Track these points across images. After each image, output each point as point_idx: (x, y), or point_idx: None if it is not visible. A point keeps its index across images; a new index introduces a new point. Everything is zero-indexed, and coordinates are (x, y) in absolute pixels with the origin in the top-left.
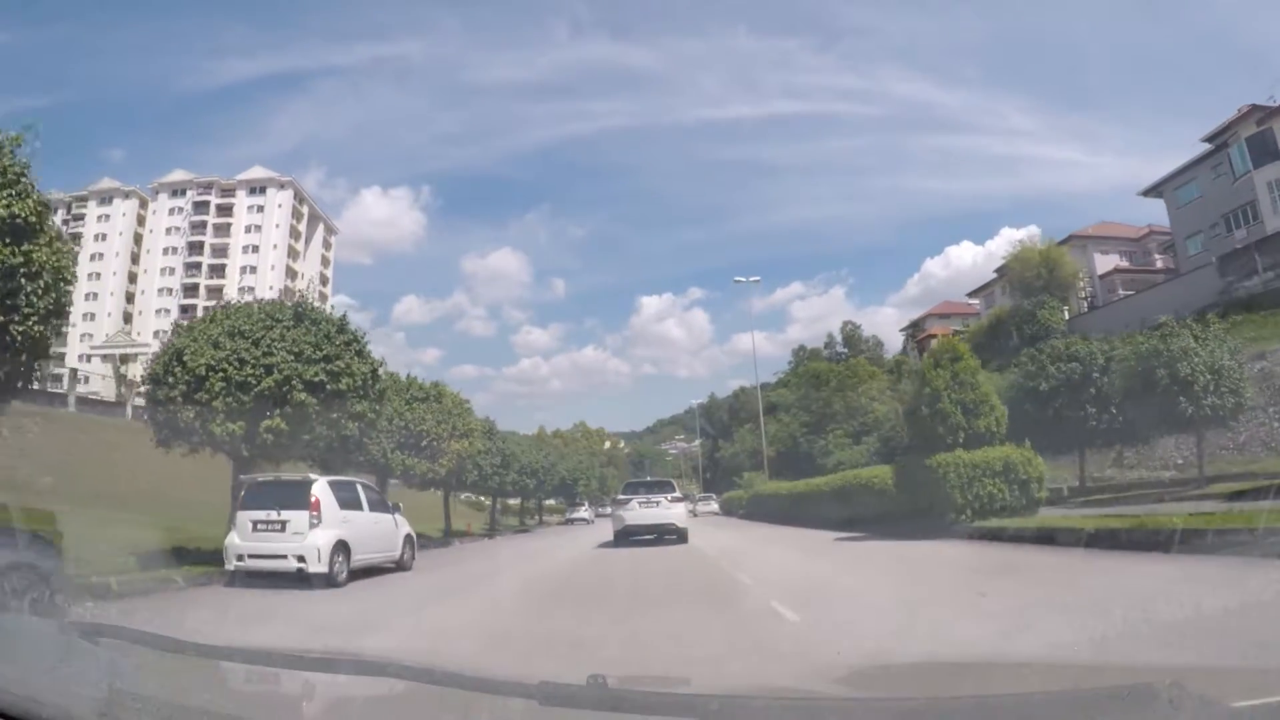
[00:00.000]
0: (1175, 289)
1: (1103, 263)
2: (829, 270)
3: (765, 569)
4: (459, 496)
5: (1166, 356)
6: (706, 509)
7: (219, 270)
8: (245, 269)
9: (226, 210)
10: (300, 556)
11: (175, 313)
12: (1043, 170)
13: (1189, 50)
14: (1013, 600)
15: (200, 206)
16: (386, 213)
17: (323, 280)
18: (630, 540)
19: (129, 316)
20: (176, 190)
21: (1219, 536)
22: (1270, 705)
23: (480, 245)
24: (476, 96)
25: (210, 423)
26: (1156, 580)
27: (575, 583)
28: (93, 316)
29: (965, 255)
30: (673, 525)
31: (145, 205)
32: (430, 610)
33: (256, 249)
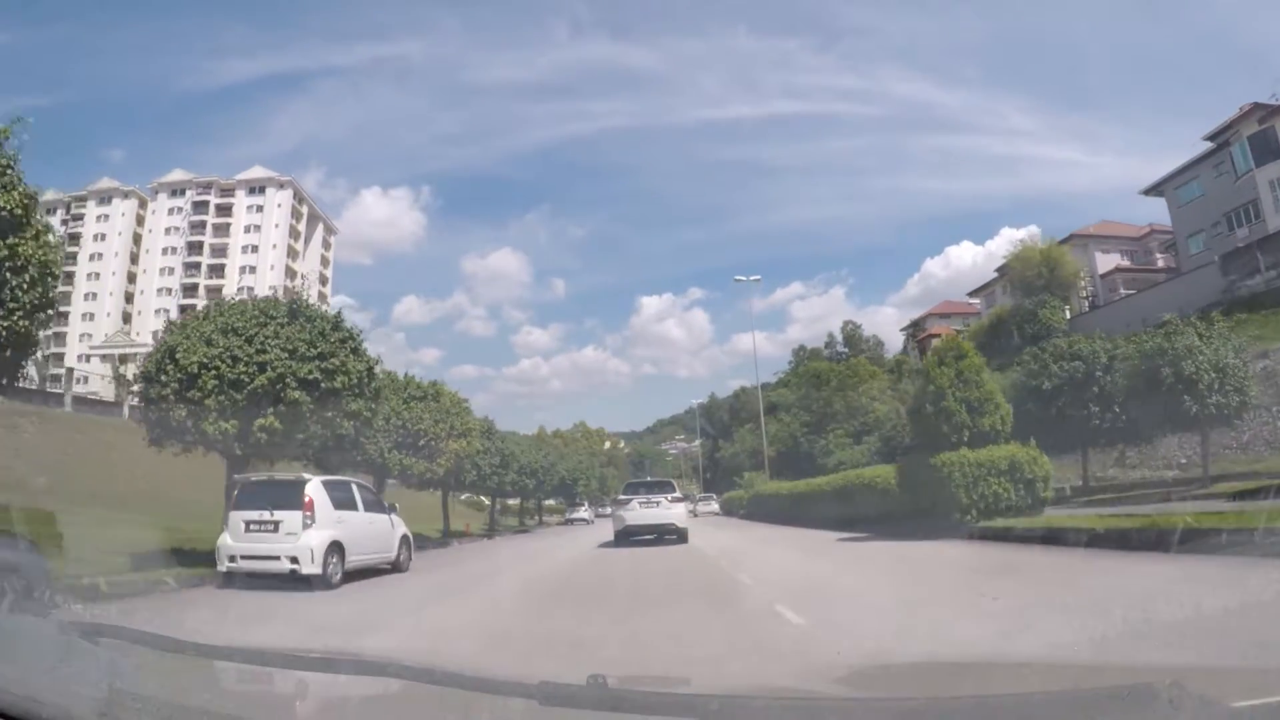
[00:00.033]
0: (1177, 288)
1: (1104, 262)
2: (829, 270)
3: (767, 570)
4: (458, 497)
5: (1171, 355)
6: (707, 509)
7: (218, 270)
8: (244, 269)
9: (226, 210)
10: (293, 558)
11: (174, 313)
12: (1043, 170)
13: (1189, 50)
14: (1018, 601)
15: (199, 206)
16: (386, 213)
17: (322, 280)
18: (630, 540)
19: (128, 316)
20: (176, 190)
21: (1233, 536)
22: (1270, 705)
23: (480, 245)
24: (476, 96)
25: (203, 421)
26: (1164, 580)
27: (575, 583)
28: (92, 316)
29: (965, 255)
30: (673, 525)
31: (144, 205)
32: (426, 612)
33: (256, 249)
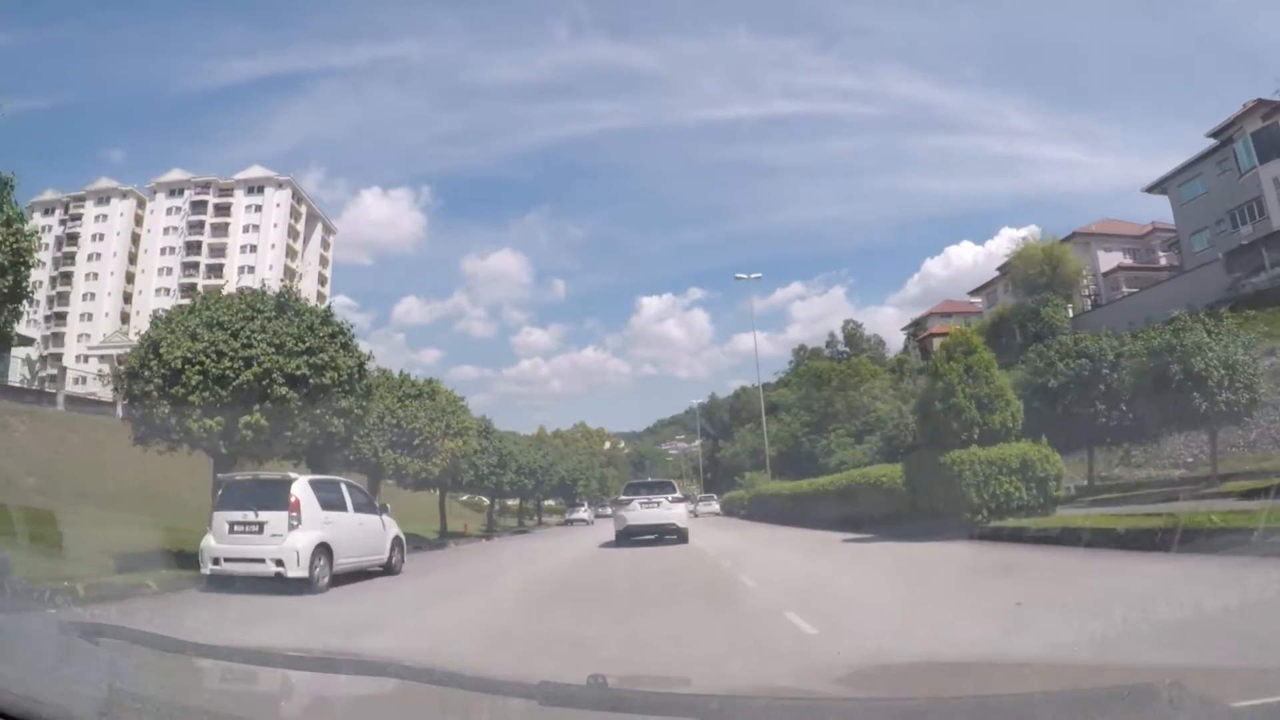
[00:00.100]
0: (1180, 286)
1: (1106, 260)
2: (829, 270)
3: (770, 571)
4: (458, 498)
5: (1180, 351)
6: (707, 509)
7: (217, 270)
8: (243, 269)
9: (224, 210)
10: (278, 560)
11: None
12: (1043, 170)
13: (1189, 50)
14: (1044, 607)
15: (198, 206)
16: (386, 213)
17: (321, 280)
18: (631, 540)
19: (126, 317)
20: (174, 190)
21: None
22: (1270, 705)
23: (480, 246)
24: (476, 97)
25: (187, 418)
26: (1211, 585)
27: (576, 583)
28: (90, 317)
29: (965, 255)
30: (673, 525)
31: (143, 205)
32: (419, 615)
33: (254, 249)
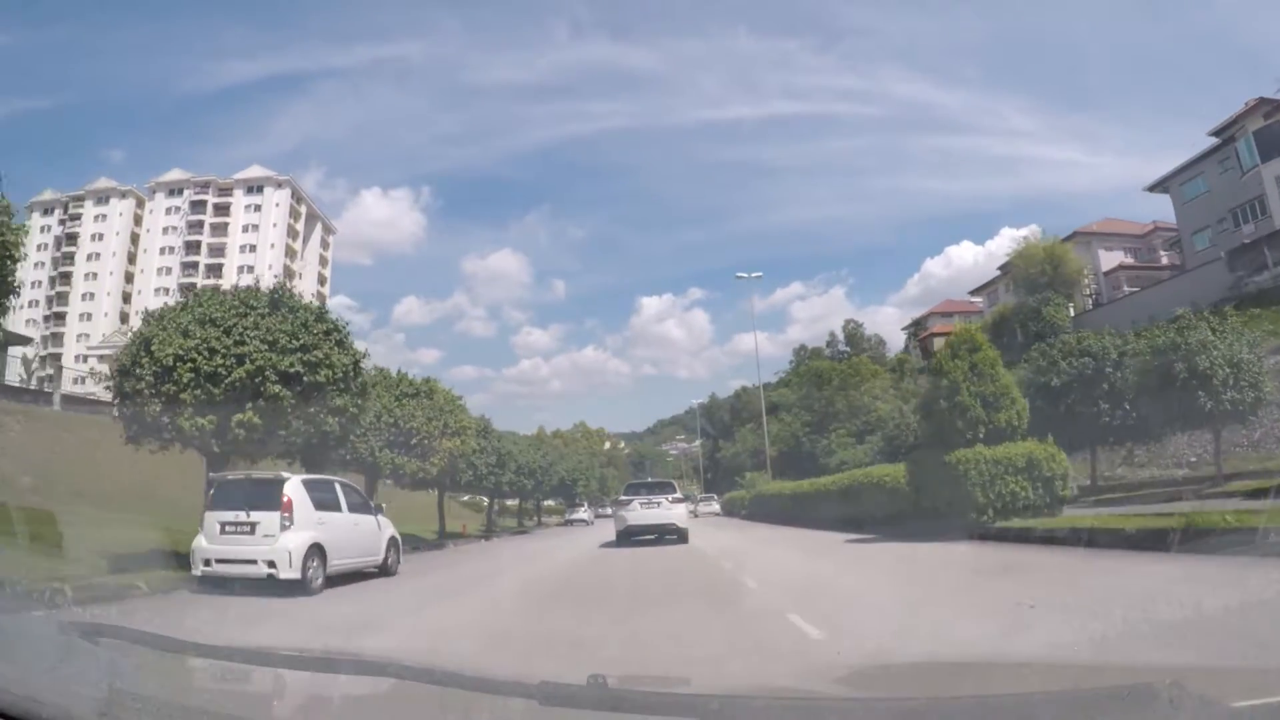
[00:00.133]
0: (1182, 285)
1: (1107, 259)
2: (829, 270)
3: (772, 572)
4: (458, 498)
5: (1184, 350)
6: (708, 509)
7: (216, 270)
8: (242, 269)
9: (224, 209)
10: (270, 561)
11: None
12: (1043, 170)
13: (1189, 50)
14: (1063, 611)
15: (197, 206)
16: (386, 213)
17: (321, 280)
18: (632, 540)
19: (125, 317)
20: (173, 190)
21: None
22: (1270, 705)
23: (480, 246)
24: (476, 97)
25: (179, 417)
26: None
27: (575, 584)
28: (89, 317)
29: (965, 255)
30: (674, 525)
31: (142, 205)
32: (415, 617)
33: (254, 248)
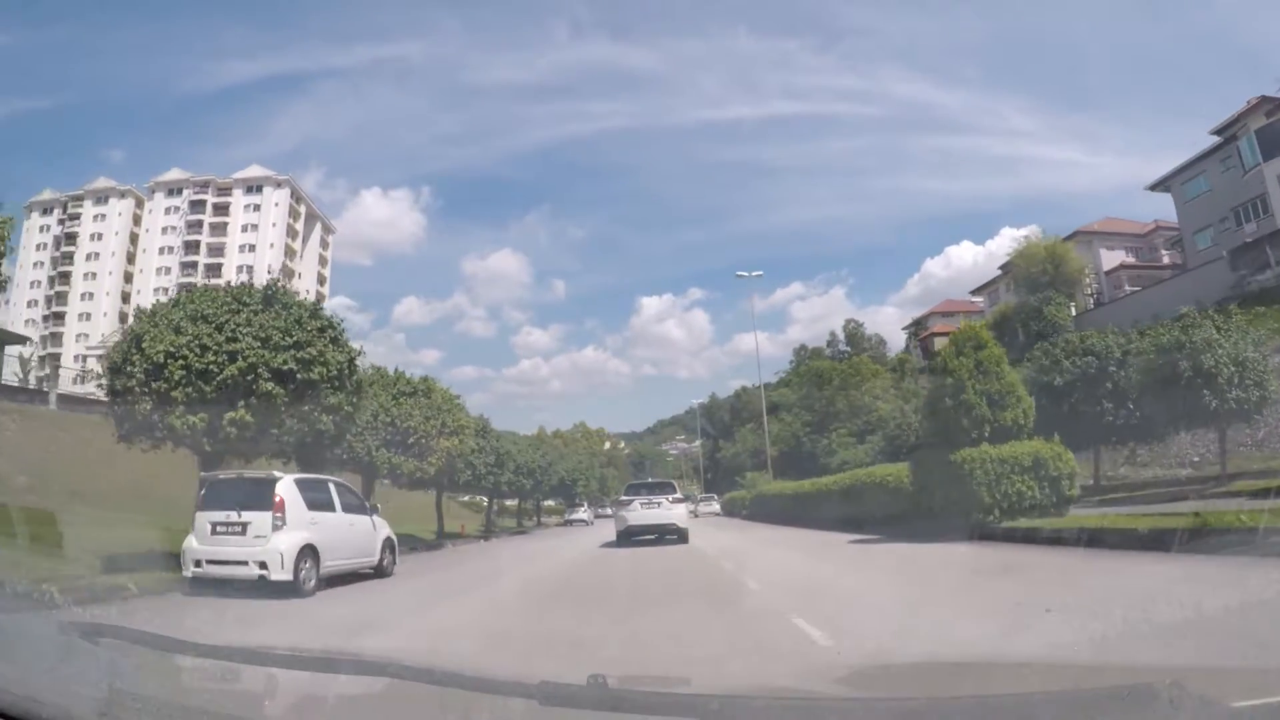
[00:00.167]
0: (1183, 284)
1: (1108, 258)
2: (829, 270)
3: (775, 574)
4: (457, 498)
5: (1189, 348)
6: (708, 510)
7: (215, 270)
8: (241, 268)
9: (223, 209)
10: (262, 562)
11: None
12: (1043, 170)
13: (1189, 50)
14: (1086, 615)
15: (196, 205)
16: (386, 214)
17: (320, 280)
18: (632, 540)
19: (124, 316)
20: (172, 189)
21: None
22: (1270, 705)
23: (480, 246)
24: (476, 97)
25: (170, 415)
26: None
27: (576, 584)
28: (88, 317)
29: (965, 255)
30: (674, 525)
31: (141, 205)
32: (409, 619)
33: (253, 248)
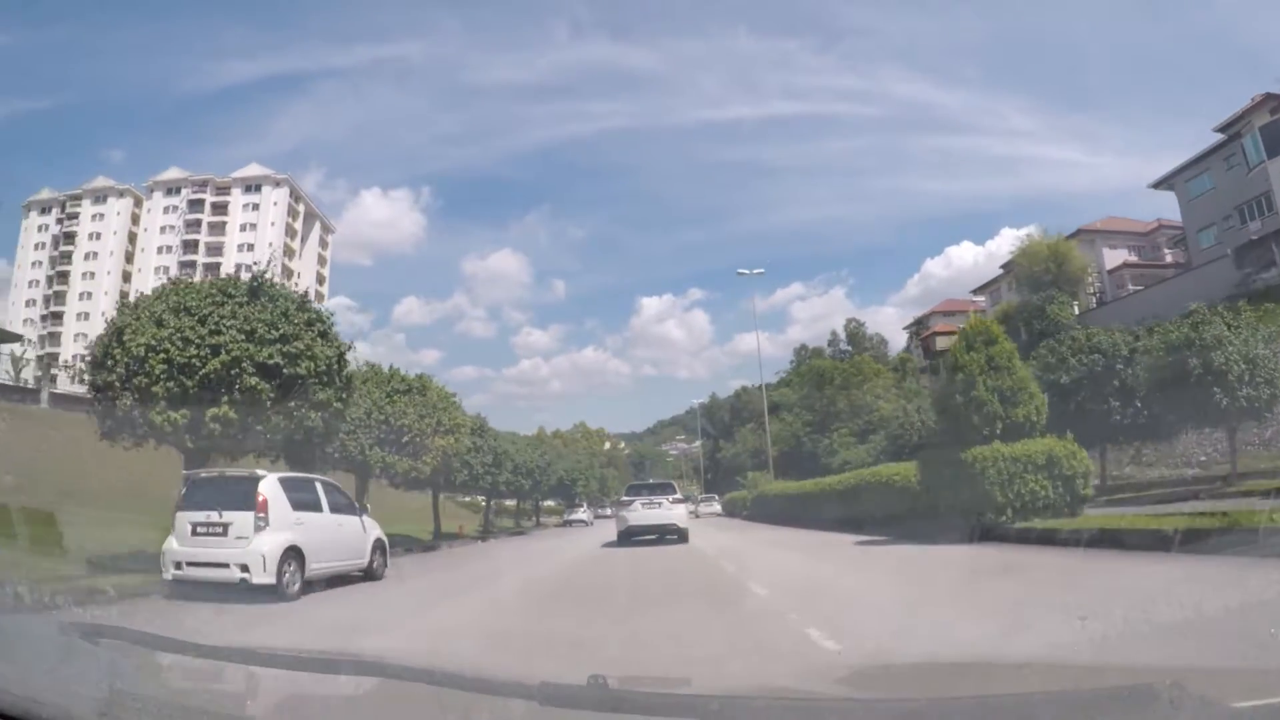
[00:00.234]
0: (1186, 283)
1: (1111, 257)
2: (829, 270)
3: (777, 575)
4: (456, 499)
5: (1199, 346)
6: (709, 510)
7: (214, 270)
8: (240, 268)
9: (221, 209)
10: (243, 565)
11: None
12: (1043, 170)
13: (1189, 50)
14: (1121, 624)
15: (195, 205)
16: (386, 214)
17: (319, 280)
18: (632, 540)
19: None
20: (171, 189)
21: None
22: (1270, 706)
23: (480, 246)
24: (476, 97)
25: (151, 411)
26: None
27: (576, 584)
28: (87, 316)
29: (965, 255)
30: (674, 525)
31: (140, 204)
32: (398, 626)
33: (251, 247)
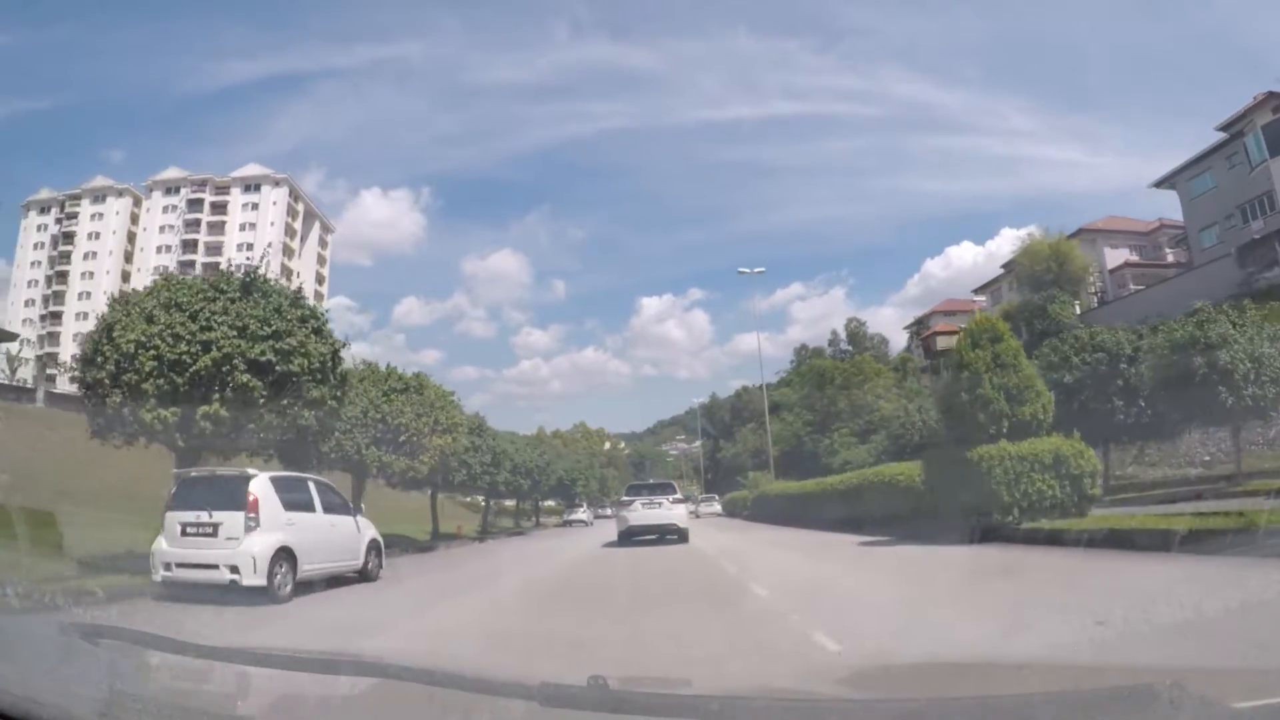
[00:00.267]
0: (1188, 282)
1: (1112, 257)
2: (829, 271)
3: (778, 577)
4: (456, 499)
5: (1204, 344)
6: (709, 510)
7: (213, 269)
8: (231, 263)
9: (220, 208)
10: (233, 566)
11: None
12: (1043, 170)
13: (1189, 50)
14: (1146, 628)
15: (194, 204)
16: (386, 214)
17: (319, 280)
18: (633, 540)
19: None
20: (170, 188)
21: None
22: (1270, 706)
23: (480, 246)
24: (476, 98)
25: (140, 409)
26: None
27: (576, 584)
28: (86, 316)
29: (965, 255)
30: (674, 525)
31: (139, 204)
32: (391, 629)
33: (251, 247)
